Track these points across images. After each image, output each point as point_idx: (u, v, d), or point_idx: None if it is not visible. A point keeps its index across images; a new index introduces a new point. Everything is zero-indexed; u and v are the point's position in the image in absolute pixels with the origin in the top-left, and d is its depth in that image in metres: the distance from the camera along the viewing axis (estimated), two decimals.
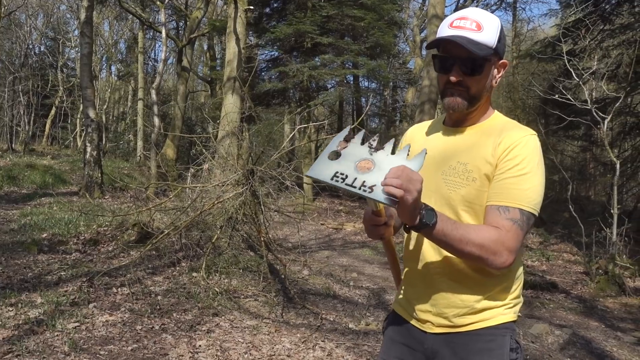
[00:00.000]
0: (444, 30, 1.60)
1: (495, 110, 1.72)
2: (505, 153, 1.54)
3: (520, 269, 1.67)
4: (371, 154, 1.45)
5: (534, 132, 1.58)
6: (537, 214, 1.52)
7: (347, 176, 1.41)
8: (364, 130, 1.61)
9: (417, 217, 1.39)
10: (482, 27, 1.56)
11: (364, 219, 1.62)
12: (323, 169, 1.45)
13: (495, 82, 1.64)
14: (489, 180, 1.56)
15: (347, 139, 1.52)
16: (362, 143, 1.50)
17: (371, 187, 1.37)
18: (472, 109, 1.64)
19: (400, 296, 1.84)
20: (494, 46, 1.57)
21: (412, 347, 1.73)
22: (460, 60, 1.57)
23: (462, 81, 1.59)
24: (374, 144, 1.47)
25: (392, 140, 1.48)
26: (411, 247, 1.75)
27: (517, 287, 1.66)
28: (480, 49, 1.54)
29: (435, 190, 1.65)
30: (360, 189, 1.38)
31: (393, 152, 1.45)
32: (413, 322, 1.74)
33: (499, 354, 1.58)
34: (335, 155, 1.48)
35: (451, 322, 1.63)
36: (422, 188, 1.35)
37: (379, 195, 1.35)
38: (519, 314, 1.67)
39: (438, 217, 1.41)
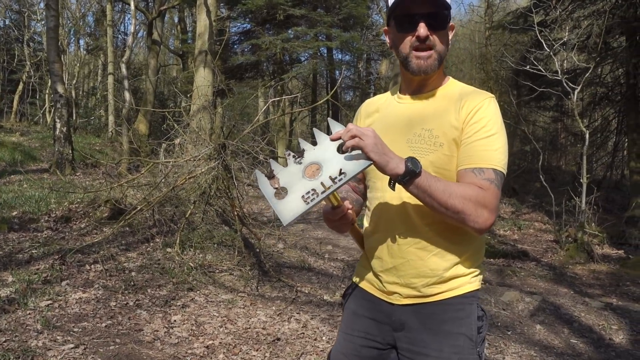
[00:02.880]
0: None
1: (449, 76, 1.72)
2: (470, 116, 1.55)
3: (484, 238, 1.69)
4: (301, 162, 1.45)
5: (492, 95, 1.61)
6: (505, 174, 1.55)
7: (313, 189, 1.40)
8: (271, 161, 1.60)
9: (401, 165, 1.41)
10: None
11: (326, 219, 1.63)
12: (289, 207, 1.43)
13: (450, 43, 1.65)
14: (457, 144, 1.56)
15: (271, 176, 1.50)
16: (287, 165, 1.50)
17: (340, 172, 1.36)
18: (437, 70, 1.63)
19: (363, 266, 1.82)
20: (448, 5, 1.59)
21: (378, 320, 1.71)
22: (425, 16, 1.55)
23: (428, 39, 1.57)
24: (296, 155, 1.47)
25: (301, 145, 1.50)
26: (376, 219, 1.73)
27: (481, 256, 1.69)
28: (443, 4, 1.56)
29: None
30: (336, 182, 1.37)
31: (315, 144, 1.45)
32: (379, 294, 1.72)
33: (468, 322, 1.60)
34: (280, 191, 1.46)
35: (420, 292, 1.62)
36: (375, 133, 1.40)
37: (353, 166, 1.35)
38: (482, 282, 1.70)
39: (421, 172, 1.43)
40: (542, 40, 9.42)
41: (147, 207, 6.23)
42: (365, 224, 1.81)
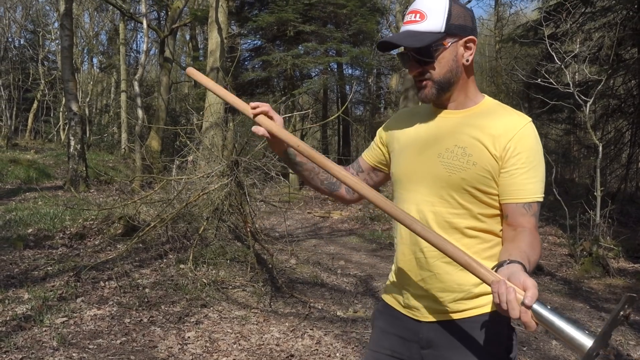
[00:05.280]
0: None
1: (485, 95, 1.70)
2: (510, 144, 1.54)
3: None
4: None
5: (529, 119, 1.59)
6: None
7: None
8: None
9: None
10: (425, 15, 1.57)
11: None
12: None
13: (467, 61, 1.62)
14: (494, 170, 1.56)
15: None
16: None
17: None
18: (446, 93, 1.64)
19: (391, 282, 1.80)
20: (443, 28, 1.56)
21: (405, 337, 1.69)
22: (412, 53, 1.60)
23: (423, 71, 1.61)
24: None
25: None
26: (403, 231, 1.70)
27: None
28: (420, 40, 1.56)
29: (429, 172, 1.62)
30: None
31: None
32: (405, 311, 1.70)
33: (496, 342, 1.58)
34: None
35: (447, 308, 1.60)
36: None
37: None
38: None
39: (524, 264, 1.37)
40: (553, 53, 9.40)
41: (160, 224, 6.27)
42: (394, 234, 1.79)
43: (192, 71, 1.87)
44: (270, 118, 1.71)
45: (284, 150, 1.81)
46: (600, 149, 8.68)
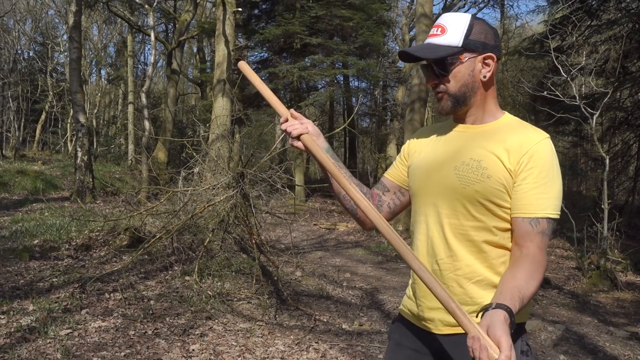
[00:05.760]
0: None
1: (506, 112, 1.72)
2: (524, 159, 1.55)
3: None
4: None
5: (547, 135, 1.59)
6: (559, 216, 1.57)
7: None
8: None
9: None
10: (446, 29, 1.63)
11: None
12: None
13: (484, 77, 1.64)
14: (508, 184, 1.56)
15: None
16: None
17: None
18: (462, 107, 1.67)
19: (408, 295, 1.82)
20: (460, 43, 1.61)
21: (419, 351, 1.71)
22: (431, 66, 1.65)
23: (440, 84, 1.66)
24: None
25: None
26: (418, 243, 1.74)
27: None
28: (435, 52, 1.62)
29: (446, 185, 1.64)
30: None
31: None
32: (419, 324, 1.72)
33: None
34: None
35: None
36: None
37: None
38: (528, 316, 1.65)
39: (510, 308, 1.38)
40: (559, 66, 9.40)
41: (166, 235, 6.27)
42: (413, 243, 1.80)
43: (243, 65, 1.92)
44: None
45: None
46: (607, 161, 8.64)
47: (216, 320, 5.06)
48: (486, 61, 1.64)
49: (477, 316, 1.42)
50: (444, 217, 1.64)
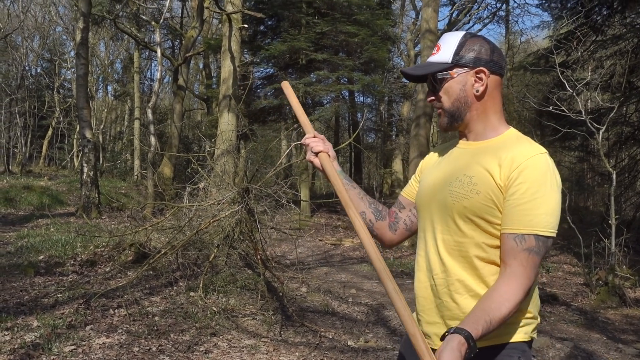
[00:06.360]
0: None
1: (511, 127, 1.70)
2: (514, 175, 1.52)
3: (534, 286, 1.62)
4: None
5: (544, 151, 1.56)
6: (554, 234, 1.52)
7: None
8: None
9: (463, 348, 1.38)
10: (440, 47, 1.69)
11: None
12: None
13: (477, 91, 1.64)
14: (498, 199, 1.54)
15: None
16: None
17: None
18: (459, 122, 1.69)
19: (414, 312, 1.81)
20: (450, 59, 1.65)
21: None
22: (431, 83, 1.70)
23: (435, 100, 1.71)
24: None
25: None
26: (418, 257, 1.76)
27: (528, 306, 1.61)
28: (425, 69, 1.68)
29: (439, 201, 1.66)
30: None
31: None
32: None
33: None
34: None
35: None
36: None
37: None
38: (534, 334, 1.61)
39: (470, 332, 1.39)
40: (565, 81, 9.39)
41: (171, 251, 6.25)
42: (416, 258, 1.84)
43: (286, 85, 2.06)
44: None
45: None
46: (614, 176, 8.60)
47: (221, 337, 5.03)
48: (478, 75, 1.64)
49: (440, 340, 1.44)
50: (438, 232, 1.66)
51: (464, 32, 1.69)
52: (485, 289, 1.56)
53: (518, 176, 1.51)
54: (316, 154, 1.84)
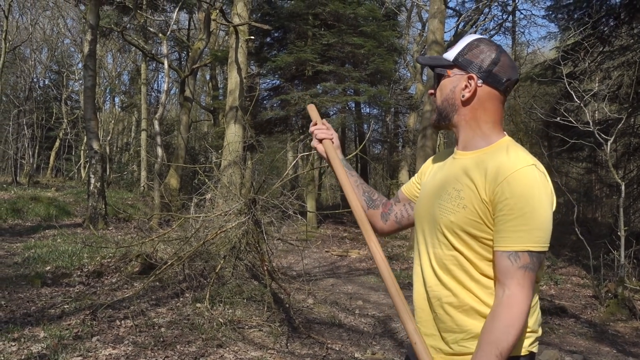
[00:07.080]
0: None
1: (505, 136, 1.63)
2: (499, 190, 1.47)
3: (535, 299, 1.57)
4: None
5: (531, 162, 1.49)
6: (547, 248, 1.48)
7: None
8: None
9: None
10: (455, 45, 1.70)
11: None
12: None
13: (463, 97, 1.61)
14: (484, 214, 1.51)
15: None
16: None
17: None
18: (446, 122, 1.70)
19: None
20: (452, 58, 1.65)
21: None
22: (434, 75, 1.75)
23: (433, 94, 1.76)
24: None
25: None
26: (416, 266, 1.74)
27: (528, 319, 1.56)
28: (430, 61, 1.74)
29: (429, 213, 1.66)
30: None
31: None
32: None
33: None
34: None
35: (451, 349, 1.58)
36: None
37: None
38: (532, 348, 1.56)
39: None
40: (572, 92, 9.38)
41: (177, 262, 6.24)
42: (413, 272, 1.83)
43: (311, 107, 2.15)
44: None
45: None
46: (623, 187, 8.55)
47: (227, 348, 5.00)
48: (469, 81, 1.62)
49: None
50: (429, 246, 1.65)
51: (482, 37, 1.65)
52: (479, 303, 1.53)
53: (504, 191, 1.46)
54: (320, 141, 1.95)
